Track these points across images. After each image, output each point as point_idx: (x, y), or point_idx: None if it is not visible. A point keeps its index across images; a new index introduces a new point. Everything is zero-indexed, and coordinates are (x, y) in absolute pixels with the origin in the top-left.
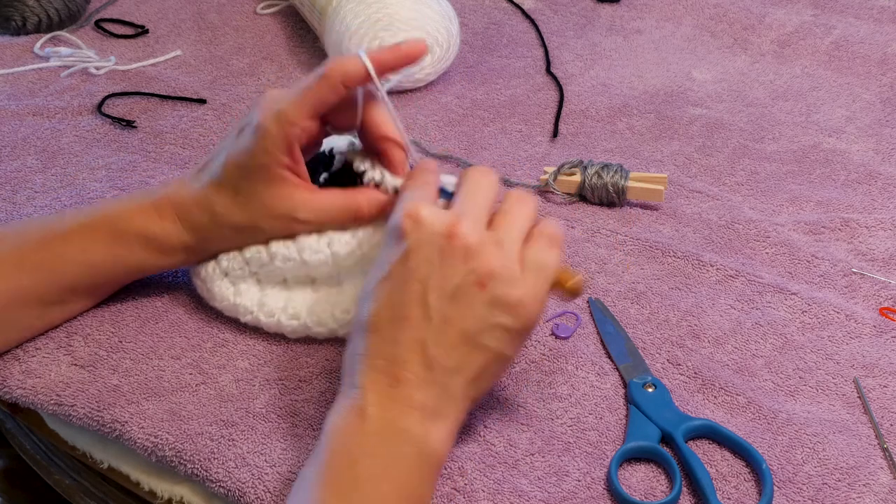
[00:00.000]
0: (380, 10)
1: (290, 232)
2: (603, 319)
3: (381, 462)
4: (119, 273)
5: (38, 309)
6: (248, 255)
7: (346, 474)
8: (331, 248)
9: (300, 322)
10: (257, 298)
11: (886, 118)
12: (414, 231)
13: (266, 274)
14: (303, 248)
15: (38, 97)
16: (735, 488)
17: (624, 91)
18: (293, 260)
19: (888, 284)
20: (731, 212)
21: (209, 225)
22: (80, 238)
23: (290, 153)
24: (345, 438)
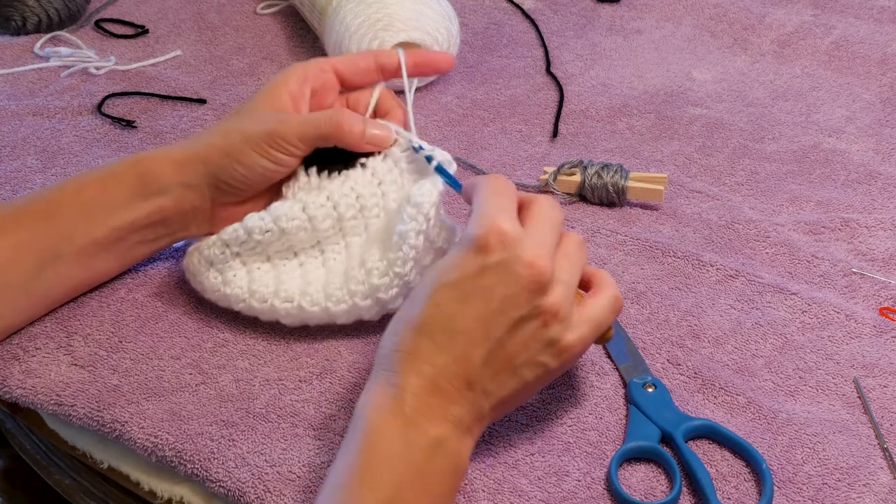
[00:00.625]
0: (380, 10)
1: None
2: None
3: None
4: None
5: (36, 265)
6: (226, 236)
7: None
8: (306, 211)
9: (294, 304)
10: (246, 285)
11: (886, 118)
12: (498, 249)
13: (248, 253)
14: (278, 216)
15: (38, 97)
16: (735, 488)
17: (624, 91)
18: (271, 231)
19: (888, 284)
20: (731, 212)
21: (201, 136)
22: (75, 183)
23: (300, 83)
24: (385, 443)
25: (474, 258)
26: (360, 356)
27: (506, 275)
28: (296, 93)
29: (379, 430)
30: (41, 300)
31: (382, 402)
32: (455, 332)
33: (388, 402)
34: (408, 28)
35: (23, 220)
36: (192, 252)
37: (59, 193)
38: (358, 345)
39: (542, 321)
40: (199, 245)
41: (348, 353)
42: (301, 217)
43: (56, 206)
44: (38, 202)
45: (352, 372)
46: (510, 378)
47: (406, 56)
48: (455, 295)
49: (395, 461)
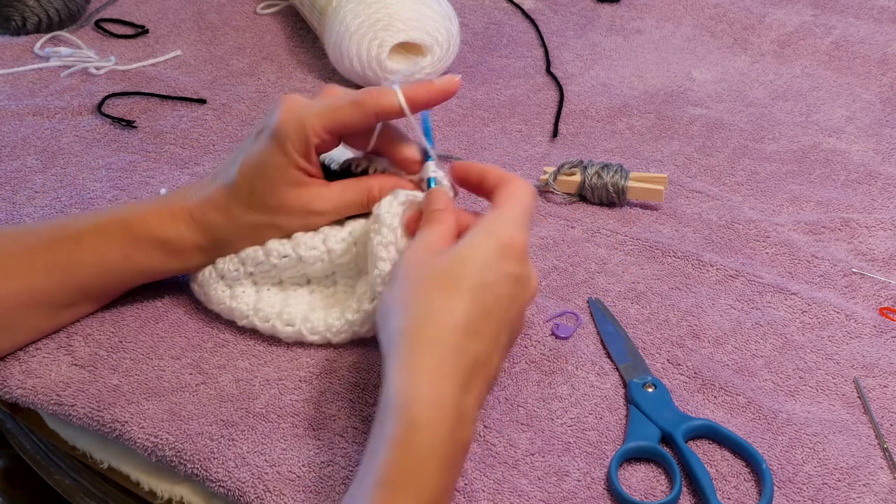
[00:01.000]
0: (380, 10)
1: (308, 226)
2: (603, 319)
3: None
4: (131, 276)
5: (48, 311)
6: (244, 254)
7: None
8: (326, 244)
9: (294, 329)
10: (252, 303)
11: (886, 118)
12: (522, 263)
13: (262, 274)
14: (298, 244)
15: (38, 97)
16: (735, 488)
17: (624, 91)
18: (288, 256)
19: (888, 284)
20: (731, 212)
21: (224, 226)
22: (94, 240)
23: (307, 157)
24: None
25: (505, 263)
26: (359, 356)
27: (521, 289)
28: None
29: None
30: (51, 332)
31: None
32: (488, 331)
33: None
34: (408, 28)
35: (36, 267)
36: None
37: (76, 246)
38: (358, 345)
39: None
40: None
41: (348, 353)
42: (321, 248)
43: (74, 261)
44: (53, 250)
45: (352, 372)
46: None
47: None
48: (490, 297)
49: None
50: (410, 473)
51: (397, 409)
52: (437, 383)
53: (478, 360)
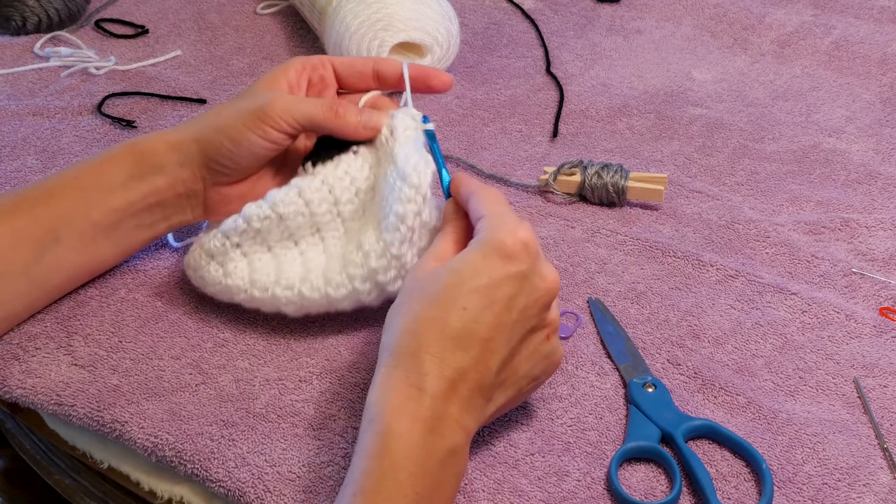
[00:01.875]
0: (380, 10)
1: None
2: (603, 319)
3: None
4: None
5: (34, 250)
6: (225, 227)
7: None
8: (302, 196)
9: (294, 291)
10: (247, 275)
11: (886, 118)
12: (524, 260)
13: (248, 243)
14: (275, 202)
15: (38, 97)
16: (735, 488)
17: (624, 91)
18: (268, 217)
19: (888, 284)
20: (731, 212)
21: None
22: (73, 169)
23: (299, 75)
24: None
25: (501, 266)
26: (360, 356)
27: (526, 286)
28: (293, 80)
29: (401, 435)
30: (42, 286)
31: (404, 405)
32: (477, 338)
33: (411, 406)
34: (408, 28)
35: (21, 206)
36: (193, 248)
37: (57, 179)
38: (358, 345)
39: (545, 334)
40: (201, 240)
41: (348, 353)
42: (297, 202)
43: (54, 191)
44: (36, 189)
45: (352, 372)
46: (511, 387)
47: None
48: (482, 301)
49: (416, 469)
50: (384, 482)
51: (372, 421)
52: (413, 395)
53: (465, 368)
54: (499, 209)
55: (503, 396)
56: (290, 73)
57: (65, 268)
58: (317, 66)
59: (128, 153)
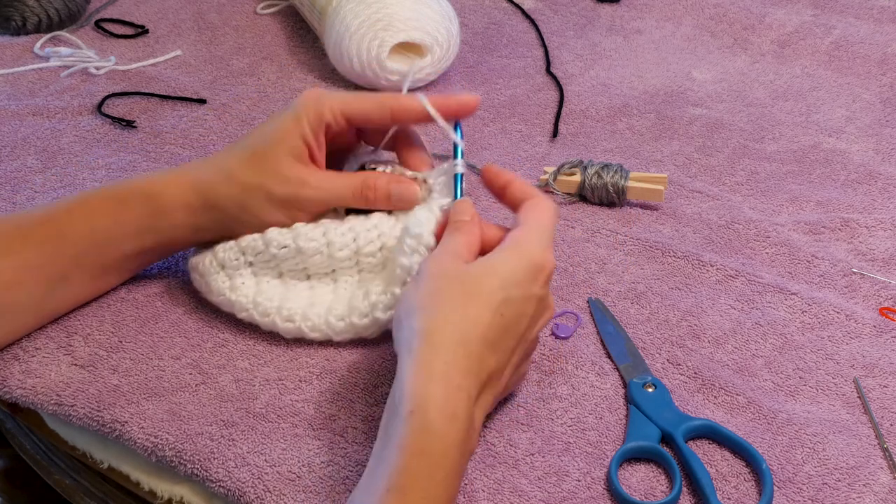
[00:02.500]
0: (380, 10)
1: (295, 199)
2: (603, 319)
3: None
4: (120, 238)
5: (43, 287)
6: (244, 243)
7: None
8: (326, 237)
9: (294, 325)
10: (252, 295)
11: (886, 118)
12: (546, 284)
13: (261, 264)
14: (298, 235)
15: (38, 97)
16: (735, 488)
17: (624, 91)
18: (288, 247)
19: (888, 284)
20: (731, 212)
21: (215, 181)
22: (83, 206)
23: (316, 134)
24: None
25: (532, 283)
26: (360, 356)
27: (540, 308)
28: (311, 141)
29: (442, 434)
30: (49, 316)
31: (446, 405)
32: (505, 347)
33: (452, 406)
34: (408, 28)
35: (29, 240)
36: (205, 253)
37: (68, 217)
38: (358, 345)
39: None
40: (215, 247)
41: (348, 353)
42: (320, 240)
43: (65, 230)
44: (45, 223)
45: (352, 372)
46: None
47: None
48: (513, 312)
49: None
50: (422, 480)
51: (411, 414)
52: (453, 393)
53: (492, 373)
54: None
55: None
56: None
57: (72, 301)
58: (330, 124)
59: (143, 206)
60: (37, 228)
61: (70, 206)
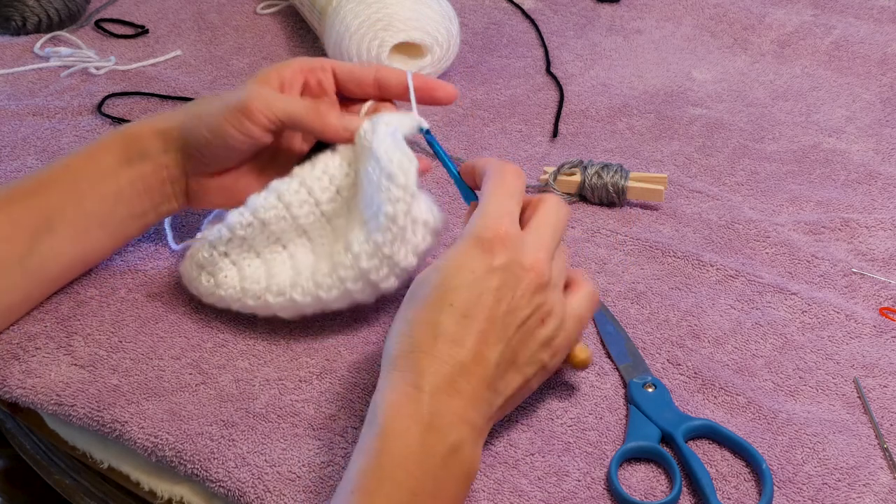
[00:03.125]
0: (380, 10)
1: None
2: (603, 319)
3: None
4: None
5: (29, 239)
6: (211, 237)
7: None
8: (281, 199)
9: (286, 297)
10: (238, 283)
11: (886, 118)
12: (502, 252)
13: (236, 251)
14: (255, 208)
15: (38, 97)
16: (735, 488)
17: (624, 91)
18: (251, 224)
19: (888, 284)
20: (731, 212)
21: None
22: (65, 158)
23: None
24: (404, 448)
25: (481, 259)
26: (360, 356)
27: (510, 277)
28: (287, 79)
29: (397, 433)
30: (37, 276)
31: (401, 404)
32: (470, 331)
33: (407, 405)
34: (408, 28)
35: (14, 197)
36: (186, 258)
37: (49, 170)
38: (358, 345)
39: (540, 320)
40: (191, 251)
41: (348, 353)
42: (277, 205)
43: (46, 181)
44: (28, 180)
45: (352, 372)
46: (515, 376)
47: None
48: (467, 296)
49: (413, 468)
50: (381, 480)
51: (371, 423)
52: (410, 393)
53: (464, 363)
54: (491, 197)
55: (509, 387)
56: (285, 71)
57: (60, 258)
58: (315, 70)
59: (117, 139)
60: (20, 186)
61: (54, 162)
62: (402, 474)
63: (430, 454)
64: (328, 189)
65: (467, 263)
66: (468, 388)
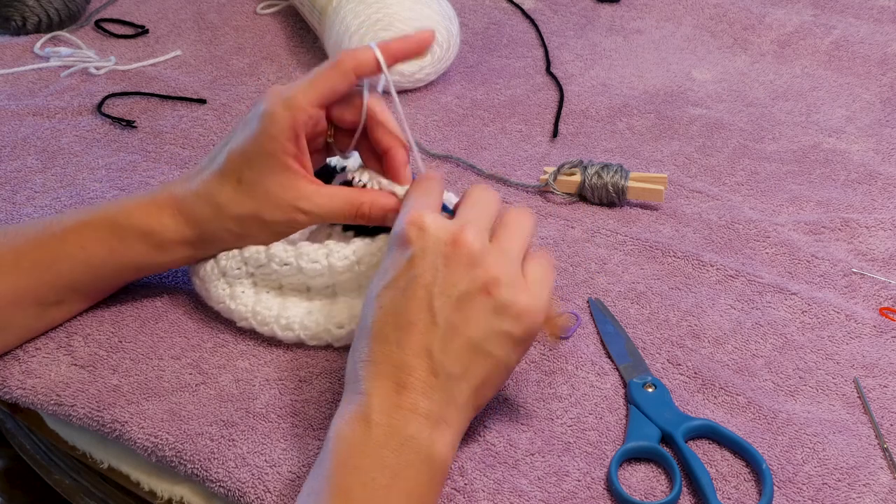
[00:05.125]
0: (380, 10)
1: (291, 224)
2: (603, 319)
3: (389, 472)
4: (118, 271)
5: (36, 309)
6: (247, 254)
7: (355, 486)
8: (328, 259)
9: (294, 334)
10: (251, 305)
11: (886, 118)
12: (418, 238)
13: (262, 277)
14: (301, 254)
15: (38, 97)
16: (735, 488)
17: (624, 91)
18: (290, 265)
19: (888, 284)
20: (731, 212)
21: (210, 217)
22: (78, 236)
23: (296, 140)
24: (351, 448)
25: (401, 253)
26: None
27: (433, 258)
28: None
29: (345, 437)
30: (43, 331)
31: (348, 412)
32: (403, 326)
33: (354, 410)
34: (408, 28)
35: (22, 265)
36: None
37: (61, 244)
38: None
39: (483, 291)
40: (217, 254)
41: (348, 353)
42: (322, 263)
43: (59, 257)
44: (39, 248)
45: None
46: (477, 357)
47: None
48: (393, 293)
49: (363, 462)
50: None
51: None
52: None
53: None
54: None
55: (472, 369)
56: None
57: (68, 317)
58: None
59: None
60: (29, 253)
61: (65, 232)
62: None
63: (380, 447)
64: (375, 266)
65: (389, 265)
66: (414, 381)
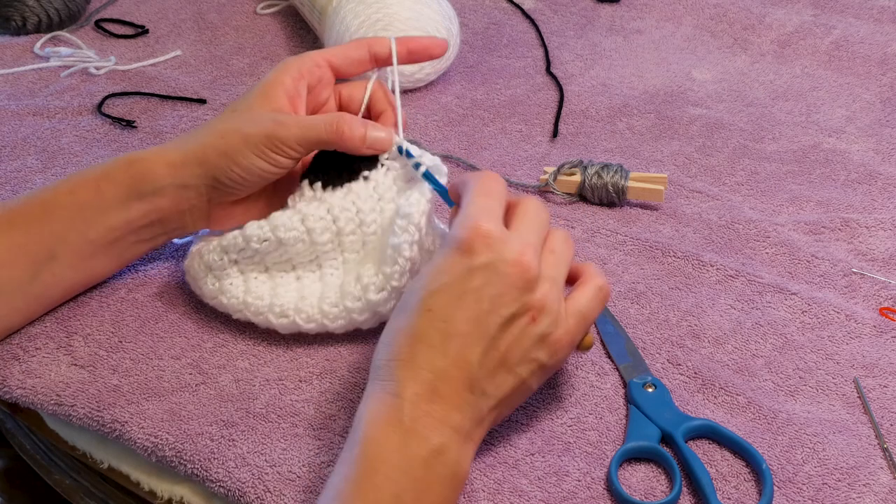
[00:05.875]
0: (380, 10)
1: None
2: (603, 319)
3: (418, 486)
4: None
5: (31, 266)
6: (225, 242)
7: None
8: (305, 223)
9: (289, 319)
10: (241, 296)
11: (886, 118)
12: (484, 250)
13: (246, 261)
14: (276, 226)
15: (38, 97)
16: (735, 488)
17: (624, 91)
18: (268, 240)
19: (888, 284)
20: (731, 212)
21: (196, 134)
22: (68, 183)
23: (296, 80)
24: (384, 454)
25: (460, 260)
26: (360, 356)
27: (493, 275)
28: (292, 91)
29: (377, 440)
30: (38, 301)
31: (380, 412)
32: (450, 335)
33: (386, 412)
34: (408, 28)
35: (16, 222)
36: (192, 255)
37: (52, 195)
38: (358, 345)
39: (530, 317)
40: (200, 248)
41: (348, 353)
42: (299, 228)
43: (49, 207)
44: (30, 204)
45: (352, 372)
46: (507, 377)
47: (398, 43)
48: (446, 299)
49: (393, 472)
50: (361, 485)
51: (353, 433)
52: (388, 401)
53: (443, 367)
54: (470, 200)
55: (501, 388)
56: (286, 81)
57: (62, 284)
58: (313, 70)
59: (126, 173)
60: (22, 209)
61: (55, 185)
62: (381, 478)
63: (412, 458)
64: (352, 220)
65: (446, 268)
66: (450, 392)
